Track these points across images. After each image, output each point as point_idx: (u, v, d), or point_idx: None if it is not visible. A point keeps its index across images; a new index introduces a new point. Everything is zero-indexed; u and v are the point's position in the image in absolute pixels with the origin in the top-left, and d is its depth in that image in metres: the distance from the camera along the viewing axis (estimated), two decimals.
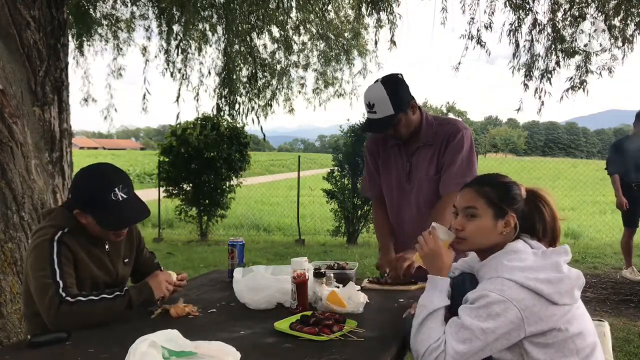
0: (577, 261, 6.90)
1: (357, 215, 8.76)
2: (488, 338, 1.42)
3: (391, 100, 2.22)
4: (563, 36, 4.94)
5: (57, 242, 1.76)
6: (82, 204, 1.83)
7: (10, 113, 2.88)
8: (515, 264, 1.50)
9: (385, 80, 2.29)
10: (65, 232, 1.80)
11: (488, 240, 1.61)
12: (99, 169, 1.88)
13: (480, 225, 1.61)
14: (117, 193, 1.81)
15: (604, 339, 1.76)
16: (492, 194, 1.62)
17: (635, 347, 3.76)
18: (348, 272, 2.32)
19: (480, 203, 1.62)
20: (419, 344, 1.49)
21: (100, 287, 1.88)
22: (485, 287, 1.48)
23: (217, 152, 9.07)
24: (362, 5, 5.03)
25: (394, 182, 2.46)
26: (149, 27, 6.08)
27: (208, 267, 6.63)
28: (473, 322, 1.43)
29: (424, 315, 1.53)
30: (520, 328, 1.42)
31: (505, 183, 1.66)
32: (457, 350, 1.42)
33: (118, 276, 1.99)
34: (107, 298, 1.73)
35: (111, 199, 1.80)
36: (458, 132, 2.32)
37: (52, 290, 1.68)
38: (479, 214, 1.61)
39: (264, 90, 6.39)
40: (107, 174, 1.86)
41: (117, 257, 2.00)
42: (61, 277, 1.71)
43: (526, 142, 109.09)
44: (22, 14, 3.08)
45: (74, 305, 1.67)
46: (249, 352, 1.42)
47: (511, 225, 1.60)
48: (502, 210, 1.60)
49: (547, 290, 1.43)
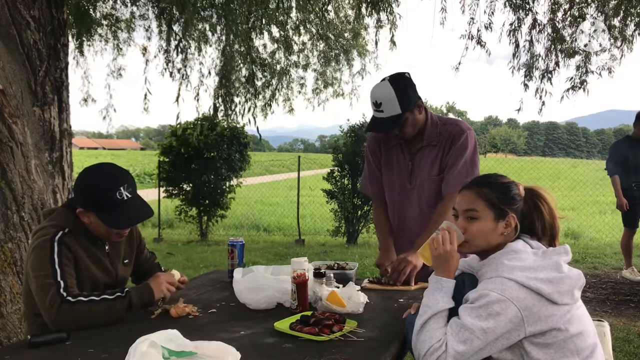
0: (577, 261, 6.90)
1: (357, 216, 8.76)
2: (488, 337, 1.42)
3: (399, 99, 2.21)
4: (563, 36, 4.94)
5: (58, 242, 1.76)
6: (86, 202, 1.83)
7: (10, 113, 2.88)
8: (515, 263, 1.50)
9: (392, 78, 2.26)
10: (66, 232, 1.80)
11: (489, 242, 1.61)
12: (104, 168, 1.88)
13: (481, 228, 1.60)
14: (122, 192, 1.81)
15: (604, 339, 1.75)
16: (491, 195, 1.61)
17: (635, 347, 3.76)
18: (348, 272, 2.32)
19: (481, 205, 1.61)
20: (421, 344, 1.49)
21: (100, 288, 1.88)
22: (485, 286, 1.48)
23: (217, 153, 9.07)
24: (362, 6, 5.03)
25: (396, 182, 2.46)
26: (148, 27, 6.08)
27: (208, 267, 6.63)
28: (474, 322, 1.43)
29: (428, 316, 1.53)
30: (520, 328, 1.42)
31: (504, 183, 1.66)
32: (457, 351, 1.43)
33: (118, 277, 1.99)
34: (108, 299, 1.73)
35: (116, 198, 1.80)
36: (462, 133, 2.32)
37: (53, 290, 1.68)
38: (480, 216, 1.61)
39: (264, 90, 6.39)
40: (113, 173, 1.86)
41: (117, 257, 2.00)
42: (62, 277, 1.71)
43: (526, 142, 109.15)
44: (22, 14, 3.08)
45: (74, 305, 1.67)
46: (249, 352, 1.42)
47: (512, 225, 1.59)
48: (502, 212, 1.59)
49: (547, 290, 1.43)
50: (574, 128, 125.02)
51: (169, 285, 1.92)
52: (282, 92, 6.78)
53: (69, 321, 1.65)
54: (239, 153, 9.42)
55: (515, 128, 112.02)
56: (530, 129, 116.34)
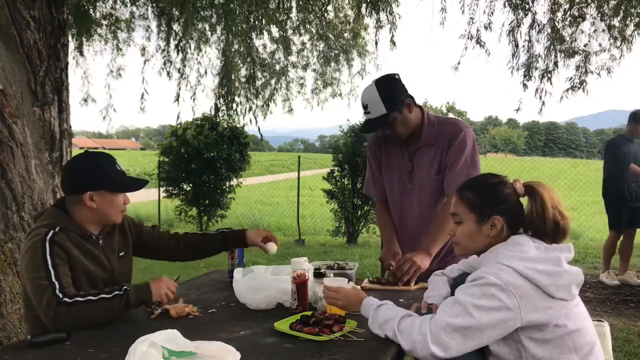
0: (578, 261, 6.90)
1: (357, 216, 8.76)
2: (482, 318, 1.40)
3: (383, 100, 2.24)
4: (562, 36, 4.94)
5: (50, 242, 1.75)
6: (94, 181, 1.88)
7: (10, 113, 2.88)
8: (516, 253, 1.50)
9: (378, 80, 2.31)
10: (57, 230, 1.79)
11: (477, 244, 1.63)
12: (93, 152, 1.99)
13: (465, 230, 1.64)
14: (120, 165, 1.95)
15: (604, 339, 1.76)
16: (473, 198, 1.63)
17: (635, 347, 3.76)
18: (348, 272, 2.32)
19: (462, 209, 1.64)
20: (406, 338, 1.47)
21: (97, 284, 1.88)
22: (483, 270, 1.49)
23: (217, 153, 9.07)
24: (362, 6, 5.03)
25: (396, 182, 2.47)
26: (148, 27, 6.08)
27: (208, 267, 6.62)
28: (466, 298, 1.43)
29: (397, 323, 1.52)
30: (516, 316, 1.41)
31: (488, 185, 1.66)
32: (449, 323, 1.41)
33: (114, 271, 1.98)
34: (106, 298, 1.73)
35: (118, 168, 1.93)
36: (460, 132, 2.32)
37: (48, 291, 1.67)
38: (462, 219, 1.64)
39: (263, 90, 6.39)
40: (103, 153, 1.99)
41: (112, 251, 2.00)
42: (57, 277, 1.70)
43: (526, 142, 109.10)
44: (22, 14, 3.08)
45: (72, 306, 1.66)
46: (249, 352, 1.43)
47: (497, 227, 1.59)
48: (484, 214, 1.60)
49: (544, 282, 1.43)
50: (574, 128, 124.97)
51: (169, 291, 1.90)
52: (282, 92, 6.79)
53: (67, 322, 1.65)
54: (239, 153, 9.43)
55: (515, 128, 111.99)
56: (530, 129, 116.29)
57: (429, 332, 1.42)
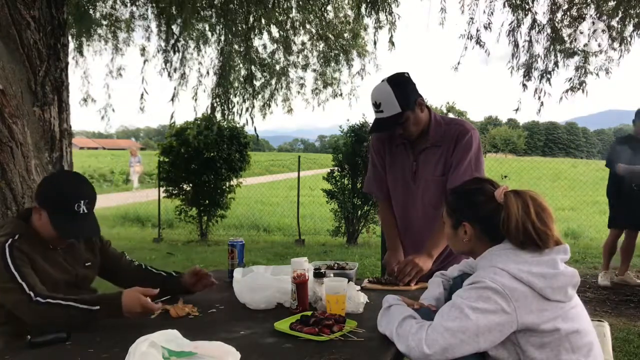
0: (577, 261, 6.89)
1: (357, 216, 8.75)
2: (479, 320, 1.39)
3: (397, 98, 2.23)
4: (562, 37, 4.95)
5: (9, 248, 1.76)
6: (44, 200, 1.87)
7: (10, 113, 2.88)
8: (510, 257, 1.50)
9: (391, 79, 2.29)
10: (16, 238, 1.80)
11: (459, 247, 1.66)
12: (76, 177, 1.97)
13: (447, 233, 1.69)
14: (81, 206, 1.86)
15: (604, 340, 1.75)
16: (451, 202, 1.66)
17: (635, 347, 3.76)
18: (348, 272, 2.32)
19: (444, 212, 1.69)
20: (402, 341, 1.47)
21: (61, 287, 1.87)
22: (478, 274, 1.49)
23: (217, 152, 9.05)
24: (362, 6, 5.03)
25: (400, 181, 2.47)
26: (148, 27, 6.08)
27: (208, 267, 6.61)
28: (463, 301, 1.43)
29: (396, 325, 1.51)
30: (512, 319, 1.40)
31: (465, 190, 1.67)
32: (446, 327, 1.41)
33: (78, 276, 1.98)
34: (74, 307, 1.68)
35: (73, 208, 1.85)
36: (467, 133, 2.33)
37: (17, 293, 1.68)
38: (444, 222, 1.69)
39: (263, 90, 6.39)
40: (80, 185, 1.93)
41: (74, 259, 1.99)
42: (22, 278, 1.71)
43: (526, 142, 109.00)
44: (22, 14, 3.08)
45: (43, 305, 1.67)
46: (249, 352, 1.43)
47: (468, 233, 1.60)
48: (456, 220, 1.63)
49: (539, 285, 1.43)
50: (573, 128, 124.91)
51: (146, 304, 1.72)
52: (282, 92, 6.79)
53: (42, 321, 1.66)
54: (239, 153, 9.41)
55: (515, 128, 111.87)
56: (530, 129, 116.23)
57: (424, 337, 1.41)
